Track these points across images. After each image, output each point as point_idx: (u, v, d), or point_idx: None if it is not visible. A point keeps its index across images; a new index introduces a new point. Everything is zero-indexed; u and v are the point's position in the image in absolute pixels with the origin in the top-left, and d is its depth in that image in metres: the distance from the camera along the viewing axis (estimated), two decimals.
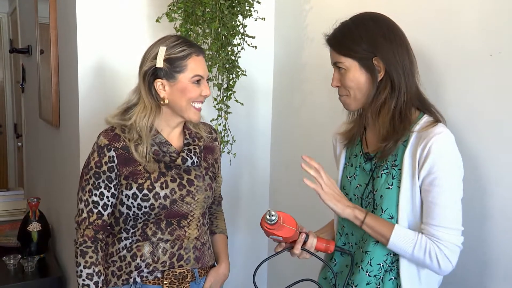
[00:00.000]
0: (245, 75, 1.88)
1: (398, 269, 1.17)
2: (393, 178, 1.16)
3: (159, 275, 1.33)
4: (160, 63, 1.28)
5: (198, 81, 1.32)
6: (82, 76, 1.81)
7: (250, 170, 2.23)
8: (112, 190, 1.32)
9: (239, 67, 1.85)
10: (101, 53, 1.83)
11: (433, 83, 1.39)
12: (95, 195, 1.31)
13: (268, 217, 1.10)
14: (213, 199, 1.54)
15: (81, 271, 1.30)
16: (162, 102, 1.31)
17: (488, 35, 1.24)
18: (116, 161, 1.30)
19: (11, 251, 2.26)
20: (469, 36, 1.28)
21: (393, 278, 1.18)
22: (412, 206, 1.14)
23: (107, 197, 1.31)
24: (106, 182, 1.31)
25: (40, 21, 2.56)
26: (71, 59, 1.91)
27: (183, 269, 1.35)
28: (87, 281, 1.29)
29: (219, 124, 1.89)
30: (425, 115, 1.17)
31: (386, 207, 1.16)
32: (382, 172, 1.18)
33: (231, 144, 1.98)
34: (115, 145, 1.31)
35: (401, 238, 1.11)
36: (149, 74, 1.30)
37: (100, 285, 1.31)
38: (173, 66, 1.29)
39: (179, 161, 1.33)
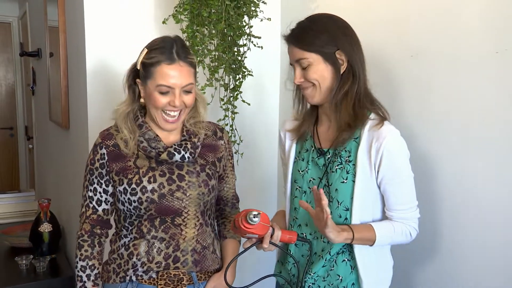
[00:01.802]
0: (251, 75, 1.89)
1: (351, 251, 1.24)
2: (347, 172, 1.23)
3: (154, 275, 1.32)
4: (138, 64, 1.32)
5: (165, 92, 1.26)
6: (90, 78, 1.83)
7: (258, 170, 2.23)
8: (104, 186, 1.36)
9: (245, 68, 1.86)
10: (109, 55, 1.85)
11: (437, 81, 1.39)
12: (90, 190, 1.37)
13: (253, 218, 1.13)
14: (225, 202, 1.51)
15: (77, 262, 1.38)
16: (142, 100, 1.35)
17: (494, 32, 1.23)
18: (106, 158, 1.35)
19: (23, 251, 2.28)
20: (474, 34, 1.28)
21: (346, 260, 1.25)
22: (366, 197, 1.23)
23: (100, 192, 1.36)
24: (98, 178, 1.36)
25: (49, 24, 2.59)
26: (79, 62, 1.94)
27: (178, 271, 1.33)
28: (80, 273, 1.36)
29: (226, 125, 1.90)
30: (372, 113, 1.25)
31: (342, 199, 1.23)
32: (336, 167, 1.25)
33: (238, 144, 1.99)
34: (107, 143, 1.36)
35: (383, 235, 1.23)
36: (132, 72, 1.35)
37: (92, 278, 1.36)
38: (144, 71, 1.30)
39: (164, 155, 1.31)
